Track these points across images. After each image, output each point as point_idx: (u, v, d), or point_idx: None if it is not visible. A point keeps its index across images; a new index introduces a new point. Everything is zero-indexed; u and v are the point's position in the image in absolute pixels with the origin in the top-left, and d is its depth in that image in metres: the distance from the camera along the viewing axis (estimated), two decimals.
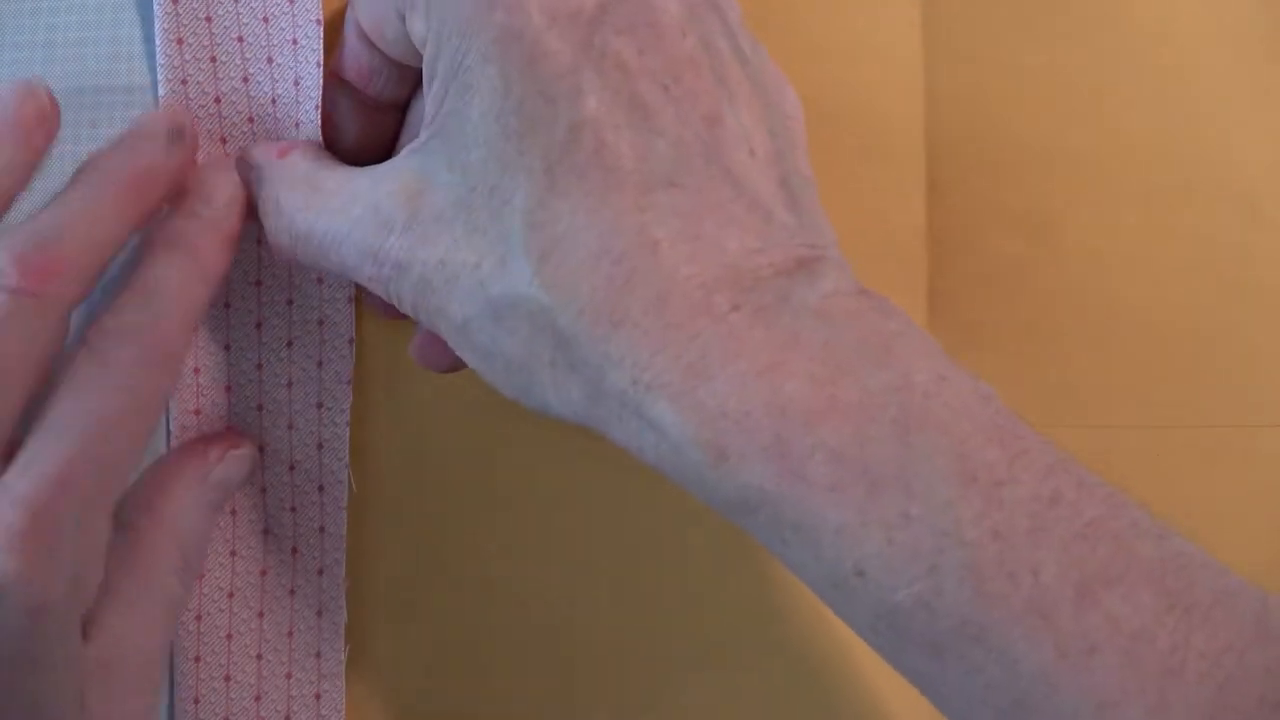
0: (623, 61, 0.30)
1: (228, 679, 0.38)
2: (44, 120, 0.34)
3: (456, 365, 0.34)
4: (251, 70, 0.37)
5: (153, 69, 0.38)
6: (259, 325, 0.38)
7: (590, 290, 0.29)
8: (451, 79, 0.31)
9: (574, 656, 0.39)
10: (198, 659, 0.38)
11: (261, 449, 0.38)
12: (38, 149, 0.34)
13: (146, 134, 0.35)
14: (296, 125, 0.37)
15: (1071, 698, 0.26)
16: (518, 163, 0.30)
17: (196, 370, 0.38)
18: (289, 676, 0.38)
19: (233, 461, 0.37)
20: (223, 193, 0.35)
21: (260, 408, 0.38)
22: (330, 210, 0.33)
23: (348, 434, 0.38)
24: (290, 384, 0.38)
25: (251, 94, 0.37)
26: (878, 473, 0.27)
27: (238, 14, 0.37)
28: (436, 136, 0.31)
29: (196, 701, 0.38)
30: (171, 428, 0.38)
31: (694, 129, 0.30)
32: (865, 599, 0.28)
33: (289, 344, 0.38)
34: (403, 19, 0.32)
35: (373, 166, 0.33)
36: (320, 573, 0.38)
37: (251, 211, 0.35)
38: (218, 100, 0.37)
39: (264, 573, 0.38)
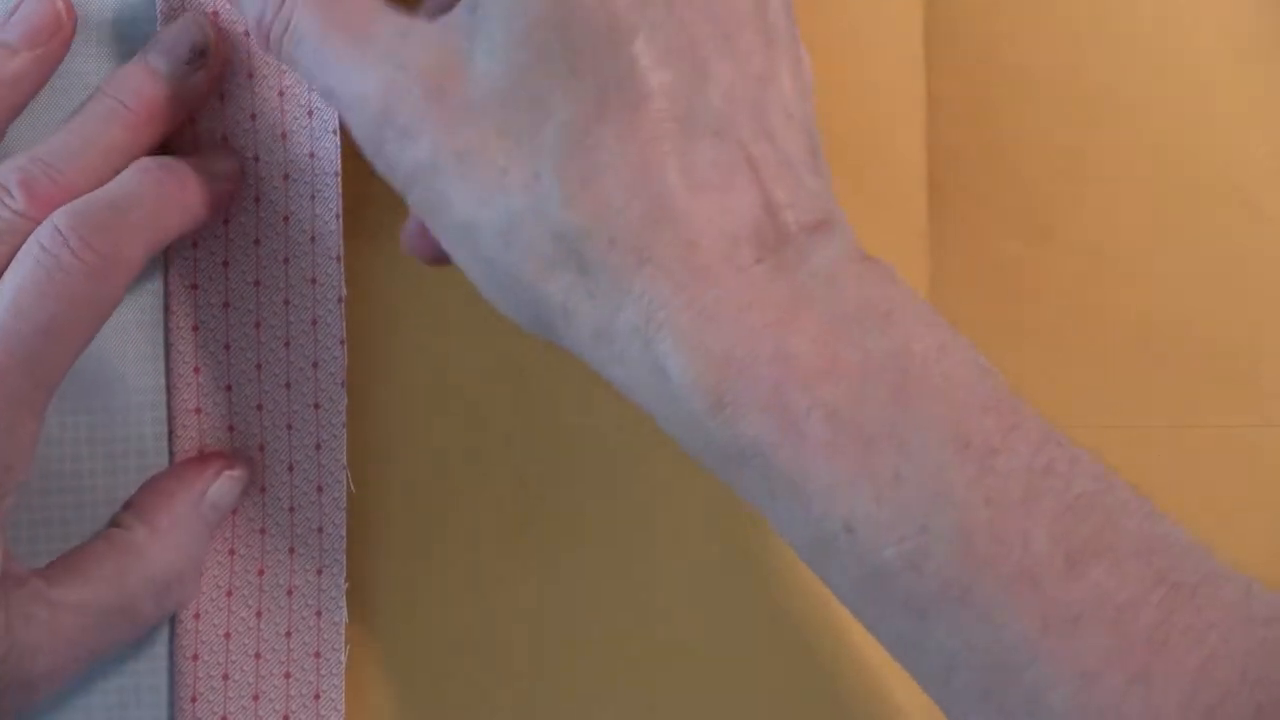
0: (691, 7, 0.30)
1: (226, 678, 0.38)
2: (59, 28, 0.34)
3: (443, 259, 0.33)
4: (256, 64, 0.37)
5: None
6: (258, 325, 0.38)
7: (624, 223, 0.29)
8: None
9: (573, 656, 0.39)
10: (195, 657, 0.38)
11: (261, 448, 0.38)
12: (53, 57, 0.35)
13: (168, 53, 0.35)
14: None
15: (1054, 665, 0.26)
16: (569, 81, 0.29)
17: (196, 369, 0.38)
18: (288, 676, 0.38)
19: (228, 482, 0.37)
20: (220, 164, 0.36)
21: (260, 407, 0.38)
22: (350, 50, 0.31)
23: (345, 435, 0.38)
24: (289, 384, 0.38)
25: (256, 90, 0.37)
26: (873, 432, 0.28)
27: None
28: (486, 15, 0.30)
29: (194, 700, 0.38)
30: (172, 427, 0.38)
31: (745, 84, 0.30)
32: (852, 557, 0.28)
33: (287, 344, 0.38)
34: None
35: (408, 20, 0.31)
36: (319, 573, 0.38)
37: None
38: (222, 97, 0.37)
39: (262, 572, 0.38)
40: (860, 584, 0.28)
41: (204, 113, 0.37)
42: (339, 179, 0.37)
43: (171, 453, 0.38)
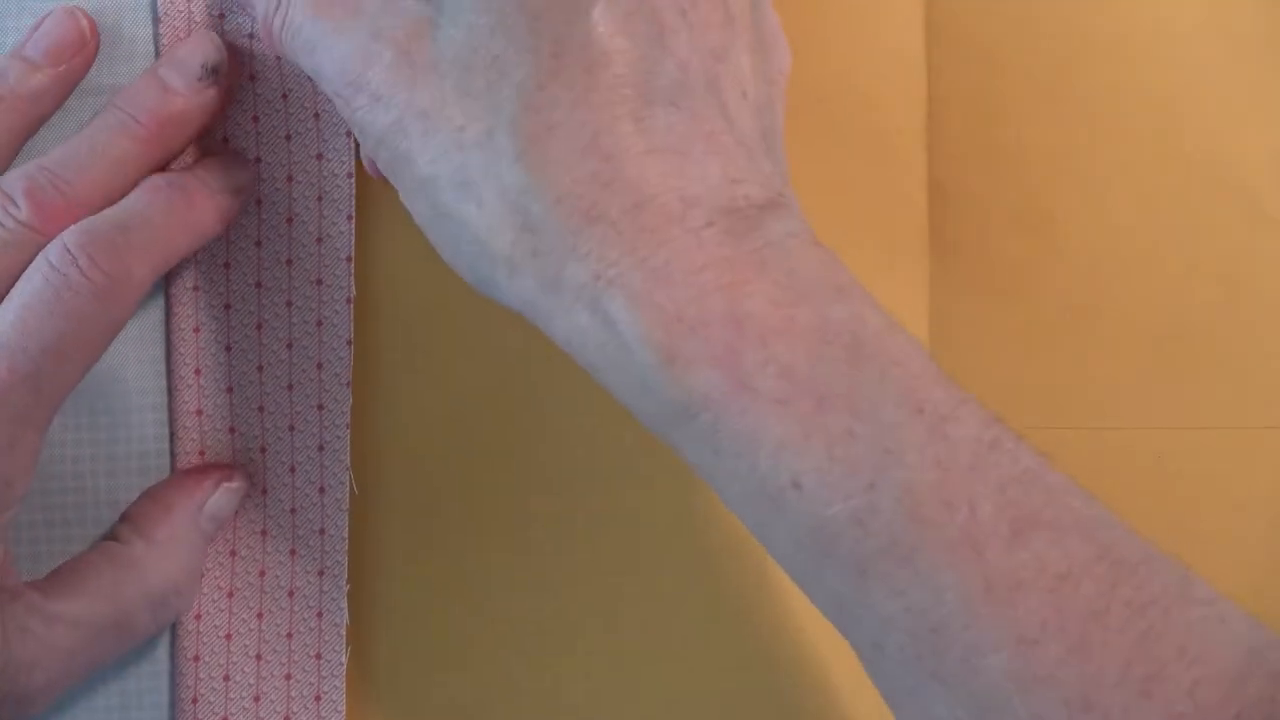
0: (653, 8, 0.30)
1: (227, 679, 0.38)
2: (82, 45, 0.35)
3: None
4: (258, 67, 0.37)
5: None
6: (259, 327, 0.38)
7: (572, 182, 0.29)
8: None
9: (575, 658, 0.39)
10: (196, 658, 0.38)
11: (263, 450, 0.38)
12: (74, 74, 0.35)
13: (181, 68, 0.35)
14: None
15: (993, 630, 0.27)
16: (527, 41, 0.30)
17: (198, 371, 0.38)
18: (289, 678, 0.38)
19: (225, 494, 0.37)
20: (233, 178, 0.36)
21: (262, 409, 0.38)
22: (336, 26, 0.32)
23: (348, 436, 0.38)
24: (291, 386, 0.38)
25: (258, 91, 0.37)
26: (826, 390, 0.28)
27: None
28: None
29: (195, 701, 0.38)
30: (174, 429, 0.38)
31: (701, 58, 0.30)
32: (797, 513, 0.28)
33: (289, 346, 0.38)
34: None
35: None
36: (320, 574, 0.38)
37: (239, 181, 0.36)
38: None
39: (263, 574, 0.38)
40: (804, 542, 0.28)
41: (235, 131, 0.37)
42: (352, 181, 0.37)
43: (173, 454, 0.38)
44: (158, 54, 0.37)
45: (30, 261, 0.33)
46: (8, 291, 0.32)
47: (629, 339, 0.29)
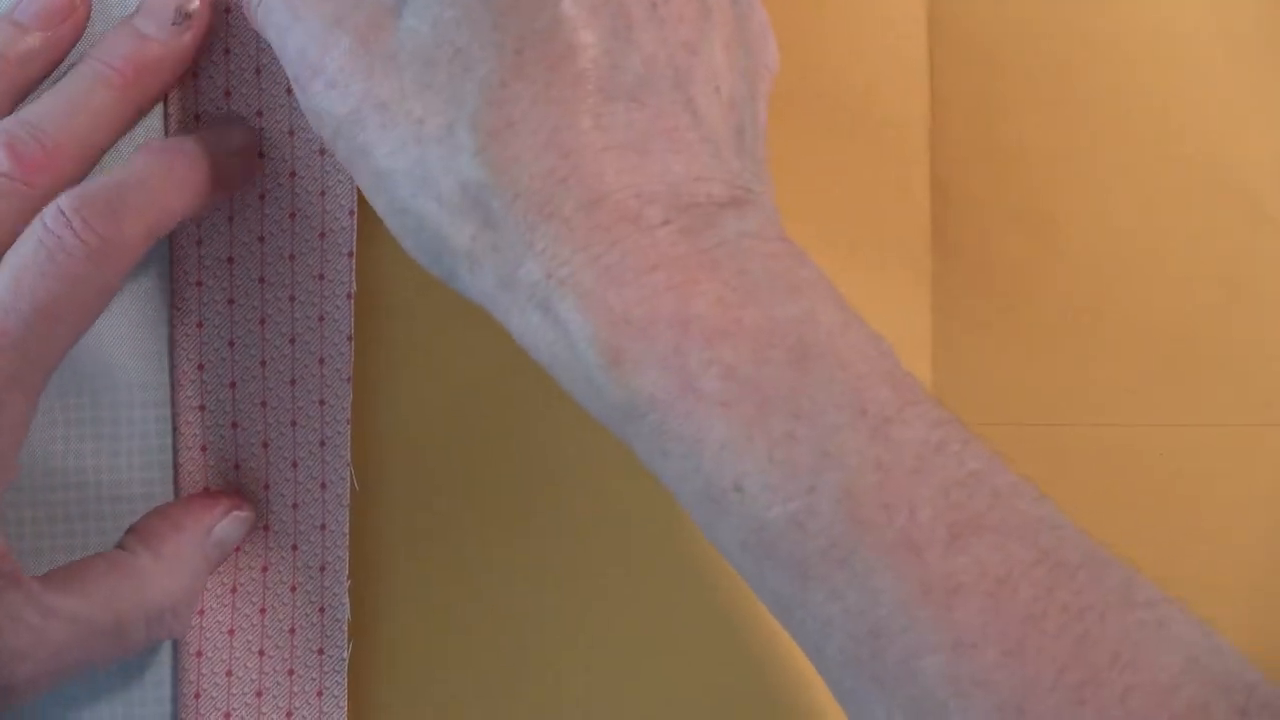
0: None
1: (229, 674, 0.38)
2: (73, 11, 0.35)
3: None
4: (264, 61, 0.37)
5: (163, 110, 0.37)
6: (262, 322, 0.38)
7: (529, 178, 0.29)
8: None
9: (577, 652, 0.39)
10: (199, 654, 0.38)
11: (265, 445, 0.38)
12: (63, 41, 0.35)
13: (154, 15, 0.35)
14: None
15: (929, 633, 0.26)
16: (490, 36, 0.30)
17: (201, 366, 0.38)
18: (291, 673, 0.38)
19: (234, 521, 0.37)
20: (234, 140, 0.36)
21: (264, 404, 0.38)
22: (303, 9, 0.32)
23: (349, 432, 0.38)
24: (293, 381, 0.38)
25: (263, 87, 0.37)
26: (769, 393, 0.28)
27: None
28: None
29: (198, 696, 0.38)
30: (176, 424, 0.38)
31: (669, 52, 0.30)
32: (740, 515, 0.28)
33: (292, 340, 0.38)
34: None
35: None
36: (322, 569, 0.38)
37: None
38: (228, 94, 0.37)
39: (265, 569, 0.38)
40: (747, 544, 0.28)
41: (211, 110, 0.37)
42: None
43: (175, 449, 0.38)
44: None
45: (15, 212, 0.33)
46: (0, 240, 0.32)
47: (577, 339, 0.29)
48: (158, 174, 0.34)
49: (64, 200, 0.32)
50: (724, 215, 0.29)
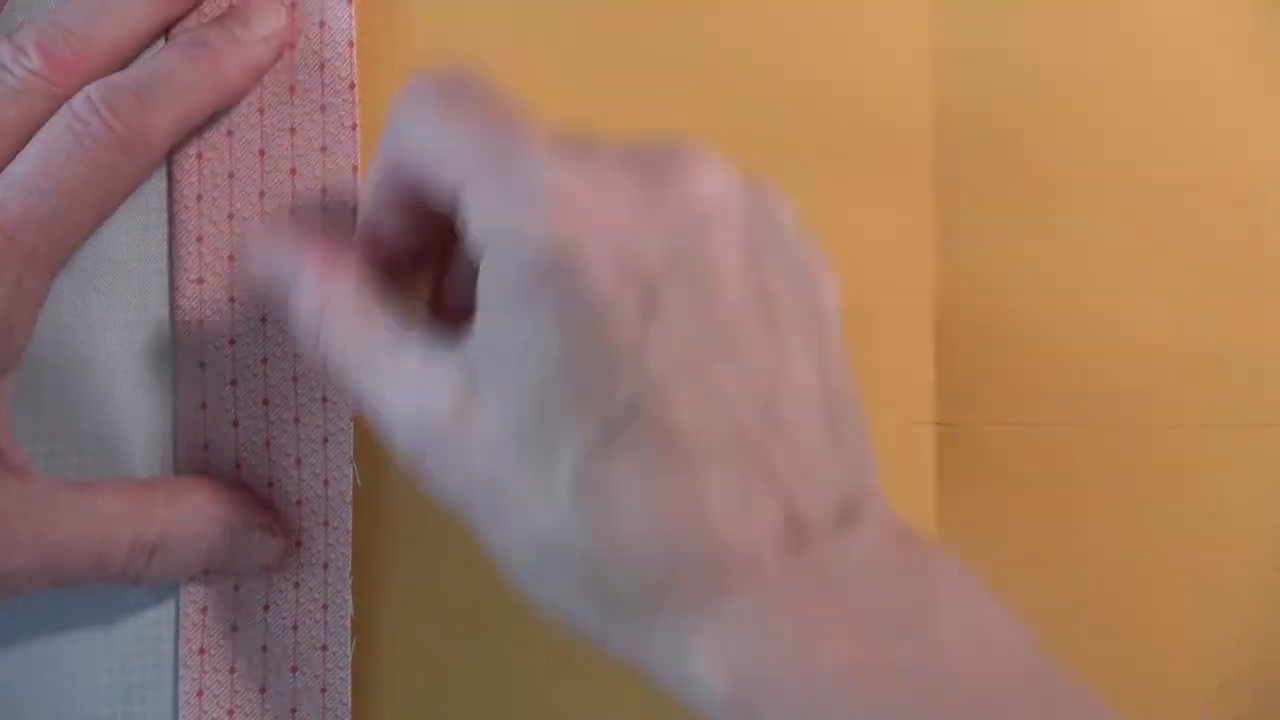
0: (686, 320, 0.29)
1: (232, 671, 0.38)
2: None
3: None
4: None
5: None
6: (264, 319, 0.38)
7: (641, 554, 0.29)
8: (508, 303, 0.29)
9: (581, 648, 0.39)
10: (202, 651, 0.38)
11: (267, 444, 0.38)
12: (169, 16, 0.35)
13: None
14: (322, 109, 0.37)
15: None
16: (573, 417, 0.29)
17: (202, 364, 0.38)
18: (294, 669, 0.38)
19: (269, 542, 0.37)
20: (262, 27, 0.36)
21: (266, 402, 0.38)
22: (378, 374, 0.31)
23: (352, 429, 0.38)
24: (295, 379, 0.38)
25: (264, 84, 0.37)
26: None
27: None
28: (487, 345, 0.30)
29: (200, 694, 0.38)
30: (177, 421, 0.38)
31: (751, 387, 0.30)
32: None
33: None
34: (454, 196, 0.31)
35: (420, 342, 0.31)
36: (325, 566, 0.38)
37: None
38: None
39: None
40: None
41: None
42: (357, 174, 0.38)
43: (176, 444, 0.38)
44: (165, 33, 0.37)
45: (45, 111, 0.33)
46: (27, 138, 0.33)
47: (709, 697, 0.29)
48: (187, 70, 0.34)
49: (93, 89, 0.33)
50: (841, 536, 0.29)
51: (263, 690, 0.38)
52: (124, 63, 0.34)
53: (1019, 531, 0.39)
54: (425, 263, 0.35)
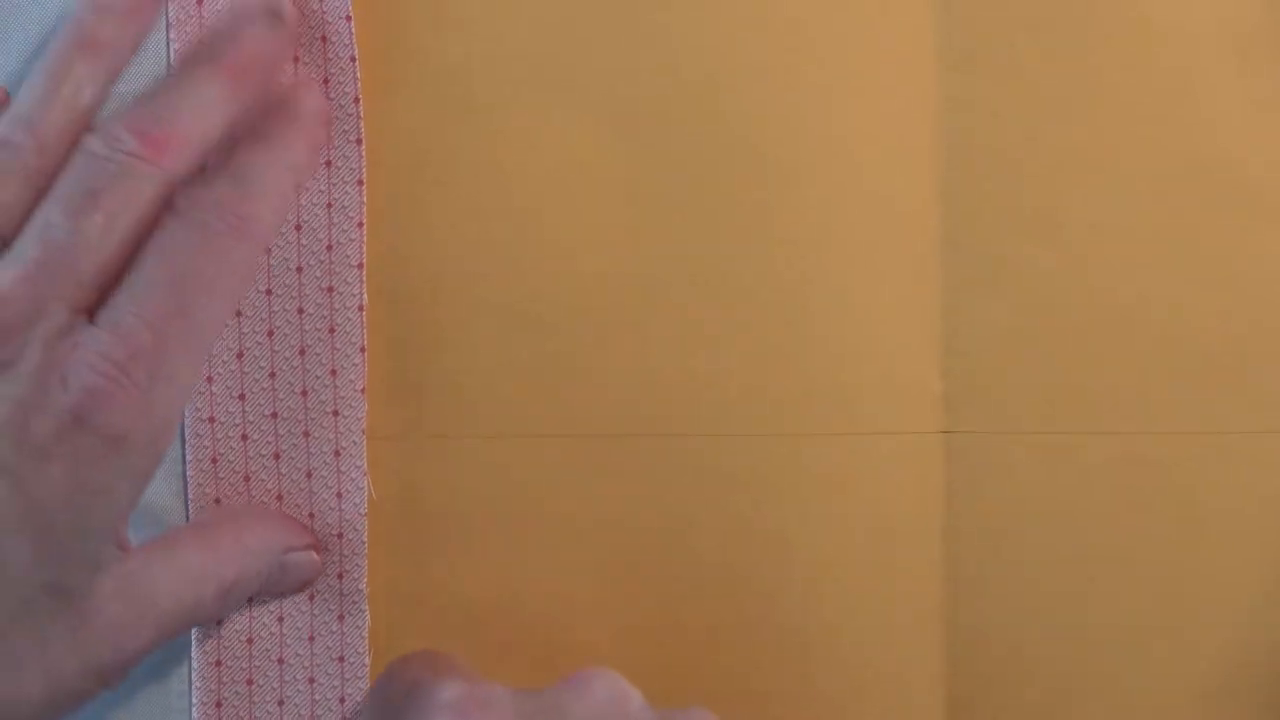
0: None
1: (250, 683, 0.38)
2: None
3: None
4: None
5: None
6: (270, 334, 0.38)
7: None
8: None
9: (599, 656, 0.39)
10: (219, 663, 0.38)
11: (277, 457, 0.38)
12: (146, 22, 0.35)
13: (245, 17, 0.35)
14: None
15: None
16: None
17: (210, 379, 0.38)
18: (311, 681, 0.38)
19: (308, 560, 0.38)
20: (309, 104, 0.36)
21: (275, 415, 0.38)
22: None
23: (364, 441, 0.38)
24: (305, 392, 0.38)
25: None
26: None
27: None
28: None
29: (219, 705, 0.38)
30: (185, 435, 0.38)
31: None
32: None
33: (301, 352, 0.38)
34: None
35: None
36: (340, 577, 0.38)
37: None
38: None
39: None
40: None
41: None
42: (363, 188, 0.38)
43: (184, 460, 0.38)
44: (169, 59, 0.38)
45: (151, 194, 0.33)
46: (137, 222, 0.33)
47: None
48: (264, 157, 0.35)
49: (195, 190, 0.34)
50: None
51: (281, 703, 0.38)
52: (211, 145, 0.34)
53: (1026, 540, 0.40)
54: None
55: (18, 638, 0.32)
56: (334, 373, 0.38)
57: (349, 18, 0.37)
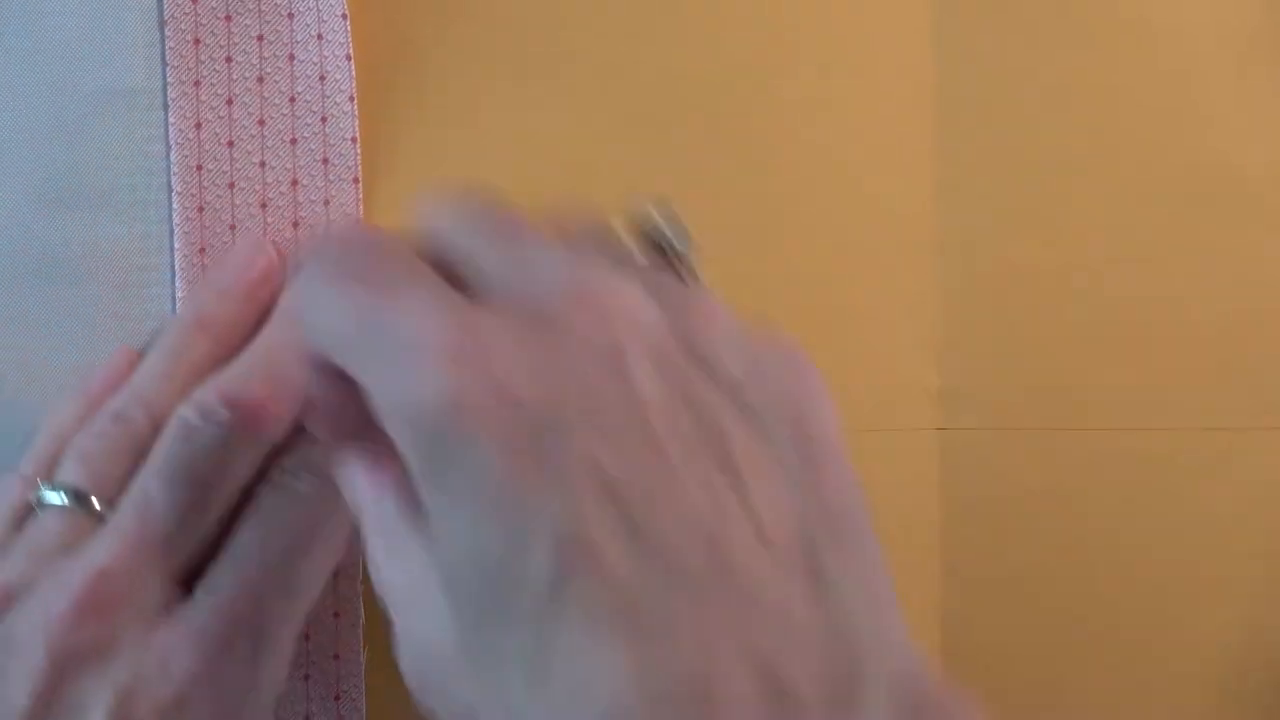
0: (596, 466, 0.25)
1: None
2: (270, 278, 0.36)
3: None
4: (268, 70, 0.37)
5: (162, 70, 0.37)
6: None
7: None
8: (427, 488, 0.26)
9: None
10: None
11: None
12: (262, 304, 0.36)
13: (235, 274, 0.37)
14: (323, 120, 0.37)
15: None
16: (502, 618, 0.25)
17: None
18: (307, 678, 0.38)
19: None
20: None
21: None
22: (396, 594, 0.28)
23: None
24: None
25: (265, 95, 0.37)
26: None
27: (260, 10, 0.37)
28: (432, 538, 0.27)
29: None
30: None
31: (693, 533, 0.25)
32: None
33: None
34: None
35: (420, 544, 0.27)
36: (335, 574, 0.38)
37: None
38: (229, 102, 0.37)
39: None
40: None
41: (212, 117, 0.37)
42: (358, 186, 0.38)
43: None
44: (164, 57, 0.37)
45: (240, 461, 0.34)
46: (230, 495, 0.34)
47: None
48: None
49: (285, 462, 0.35)
50: None
51: (277, 699, 0.38)
52: (295, 408, 0.35)
53: (1022, 536, 0.40)
54: None
55: None
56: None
57: (345, 15, 0.37)
